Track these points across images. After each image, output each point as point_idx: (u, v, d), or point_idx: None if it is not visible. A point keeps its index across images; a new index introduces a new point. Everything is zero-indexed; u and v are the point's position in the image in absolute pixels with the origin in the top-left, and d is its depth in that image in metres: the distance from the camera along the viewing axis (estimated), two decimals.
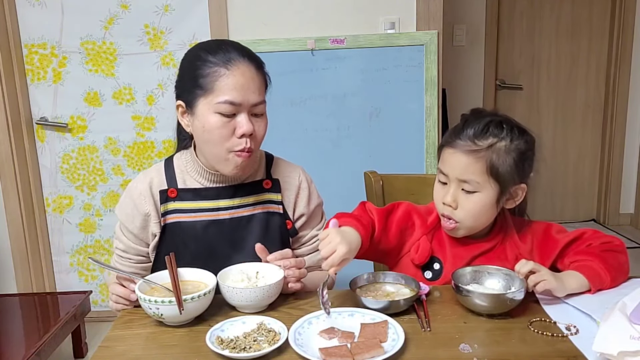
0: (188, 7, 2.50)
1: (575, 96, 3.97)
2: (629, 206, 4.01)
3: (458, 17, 3.75)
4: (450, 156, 1.18)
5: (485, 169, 1.15)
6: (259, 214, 1.31)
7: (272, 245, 1.25)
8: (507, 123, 1.18)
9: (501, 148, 1.15)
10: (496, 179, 1.15)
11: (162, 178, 1.30)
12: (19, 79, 2.57)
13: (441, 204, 1.21)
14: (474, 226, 1.21)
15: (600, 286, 1.15)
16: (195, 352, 1.01)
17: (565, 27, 3.86)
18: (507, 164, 1.15)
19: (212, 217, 1.28)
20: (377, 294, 1.16)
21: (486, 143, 1.15)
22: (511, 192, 1.20)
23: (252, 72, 1.19)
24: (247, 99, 1.18)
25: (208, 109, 1.18)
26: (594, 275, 1.14)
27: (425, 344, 1.00)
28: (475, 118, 1.18)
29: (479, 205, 1.17)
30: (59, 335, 2.22)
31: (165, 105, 2.61)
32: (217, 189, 1.29)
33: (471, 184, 1.16)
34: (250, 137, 1.19)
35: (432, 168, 2.47)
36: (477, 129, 1.15)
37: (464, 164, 1.16)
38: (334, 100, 2.45)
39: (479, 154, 1.15)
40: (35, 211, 2.70)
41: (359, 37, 2.39)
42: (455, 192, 1.18)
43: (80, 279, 2.80)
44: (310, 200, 1.37)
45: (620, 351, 0.86)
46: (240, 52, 1.20)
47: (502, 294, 1.09)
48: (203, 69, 1.18)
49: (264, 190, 1.32)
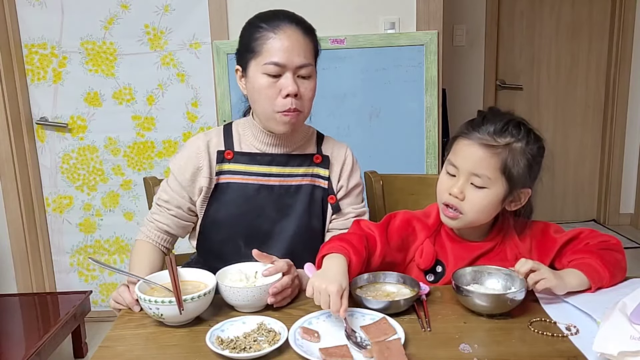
0: (188, 7, 2.50)
1: (575, 96, 3.97)
2: (629, 206, 4.01)
3: (458, 17, 3.75)
4: (466, 147, 1.17)
5: (499, 166, 1.15)
6: (306, 185, 1.37)
7: (313, 217, 1.36)
8: (524, 126, 1.19)
9: (517, 149, 1.16)
10: (507, 178, 1.16)
11: (220, 140, 1.38)
12: (19, 79, 2.57)
13: (446, 194, 1.20)
14: (474, 221, 1.20)
15: (600, 283, 1.15)
16: (195, 352, 1.01)
17: (565, 27, 3.86)
18: (520, 165, 1.16)
19: (263, 182, 1.35)
20: (377, 294, 1.16)
21: (504, 141, 1.15)
22: (516, 195, 1.20)
23: (298, 36, 1.27)
24: (292, 60, 1.25)
25: (257, 70, 1.27)
26: (593, 272, 1.15)
27: (425, 344, 1.00)
28: (494, 115, 1.19)
29: (485, 201, 1.17)
30: (59, 335, 2.22)
31: (165, 105, 2.61)
32: (272, 155, 1.36)
33: (482, 178, 1.16)
34: (296, 98, 1.27)
35: (432, 168, 2.47)
36: (497, 125, 1.16)
37: (479, 157, 1.15)
38: (334, 100, 2.45)
39: (496, 150, 1.15)
40: (35, 211, 2.70)
41: (359, 37, 2.39)
42: (464, 184, 1.18)
43: (80, 279, 2.80)
44: (352, 176, 1.42)
45: (620, 351, 0.86)
46: (291, 19, 1.29)
47: (503, 294, 1.09)
48: (255, 34, 1.28)
49: (313, 164, 1.39)
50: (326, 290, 1.03)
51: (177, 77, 2.58)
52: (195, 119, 2.61)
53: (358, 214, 1.41)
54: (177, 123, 2.60)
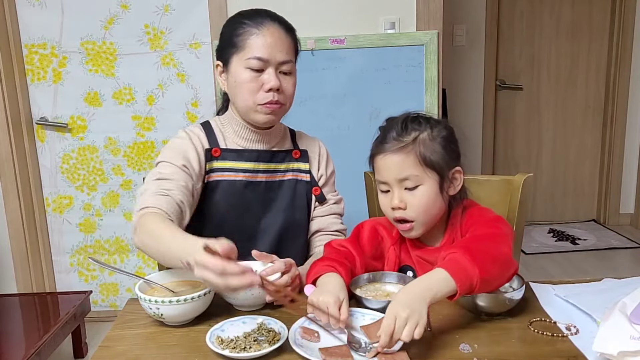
0: (188, 7, 2.50)
1: (575, 96, 3.97)
2: (629, 206, 4.01)
3: (458, 17, 3.75)
4: (383, 161, 1.19)
5: (418, 161, 1.16)
6: (289, 180, 1.42)
7: (297, 211, 1.40)
8: (422, 117, 1.22)
9: (425, 138, 1.18)
10: (432, 168, 1.17)
11: (204, 137, 1.38)
12: (19, 79, 2.57)
13: (390, 210, 1.20)
14: (427, 220, 1.20)
15: (469, 282, 1.00)
16: (195, 352, 1.01)
17: (565, 27, 3.86)
18: (436, 151, 1.17)
19: (250, 178, 1.37)
20: (377, 294, 1.16)
21: (410, 137, 1.18)
22: (450, 178, 1.20)
23: (280, 33, 1.31)
24: (275, 56, 1.28)
25: (240, 65, 1.29)
26: (460, 270, 1.00)
27: (425, 344, 1.00)
28: (391, 122, 1.23)
29: (425, 198, 1.17)
30: (59, 335, 2.22)
31: (165, 105, 2.61)
32: (258, 151, 1.38)
33: (411, 179, 1.17)
34: (277, 92, 1.30)
35: None
36: (397, 128, 1.19)
37: (397, 162, 1.17)
38: (334, 100, 2.45)
39: (407, 149, 1.17)
40: (35, 211, 2.70)
41: (359, 37, 2.39)
42: (400, 193, 1.18)
43: (80, 279, 2.80)
44: (328, 165, 1.50)
45: (620, 351, 0.86)
46: (272, 17, 1.33)
47: (501, 294, 1.09)
48: (238, 29, 1.31)
49: (293, 160, 1.43)
50: (324, 302, 1.02)
51: (177, 77, 2.58)
52: (195, 119, 2.61)
53: (336, 201, 1.48)
54: (177, 123, 2.60)
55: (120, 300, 2.81)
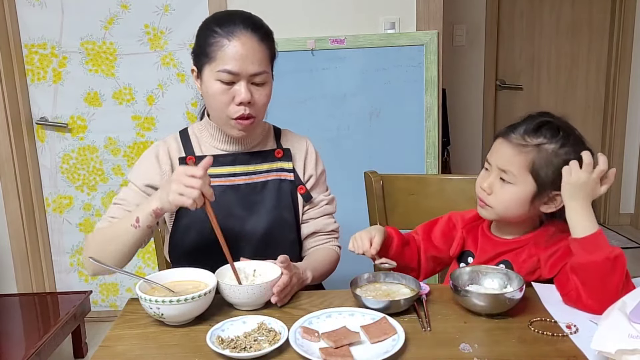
0: (188, 7, 2.50)
1: (575, 96, 3.97)
2: (629, 206, 4.01)
3: (458, 17, 3.75)
4: (499, 145, 1.22)
5: (526, 165, 1.17)
6: (273, 180, 1.39)
7: (284, 210, 1.37)
8: (564, 130, 1.19)
9: (548, 150, 1.17)
10: (535, 178, 1.17)
11: (179, 146, 1.38)
12: (19, 79, 2.57)
13: (479, 188, 1.25)
14: (502, 215, 1.23)
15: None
16: (195, 352, 1.01)
17: (565, 27, 3.86)
18: (550, 167, 1.16)
19: (228, 182, 1.35)
20: (378, 294, 1.16)
21: (535, 141, 1.18)
22: (550, 197, 1.19)
23: (253, 42, 1.25)
24: (246, 68, 1.24)
25: (211, 76, 1.26)
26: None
27: (425, 344, 1.00)
28: (532, 117, 1.23)
29: (511, 197, 1.19)
30: (59, 335, 2.22)
31: (165, 105, 2.61)
32: (234, 155, 1.37)
33: (509, 175, 1.19)
34: (249, 105, 1.26)
35: (432, 168, 2.47)
36: (530, 126, 1.19)
37: (508, 154, 1.19)
38: (334, 100, 2.45)
39: (525, 149, 1.18)
40: (35, 211, 2.70)
41: (359, 37, 2.39)
42: (493, 179, 1.22)
43: (80, 279, 2.80)
44: (317, 164, 1.47)
45: (618, 349, 0.86)
46: (246, 23, 1.26)
47: (500, 294, 1.09)
48: (209, 38, 1.26)
49: (276, 159, 1.40)
50: (358, 235, 1.23)
51: (177, 77, 2.58)
52: (195, 119, 2.60)
53: (328, 201, 1.46)
54: (177, 123, 2.60)
55: (120, 300, 2.81)
